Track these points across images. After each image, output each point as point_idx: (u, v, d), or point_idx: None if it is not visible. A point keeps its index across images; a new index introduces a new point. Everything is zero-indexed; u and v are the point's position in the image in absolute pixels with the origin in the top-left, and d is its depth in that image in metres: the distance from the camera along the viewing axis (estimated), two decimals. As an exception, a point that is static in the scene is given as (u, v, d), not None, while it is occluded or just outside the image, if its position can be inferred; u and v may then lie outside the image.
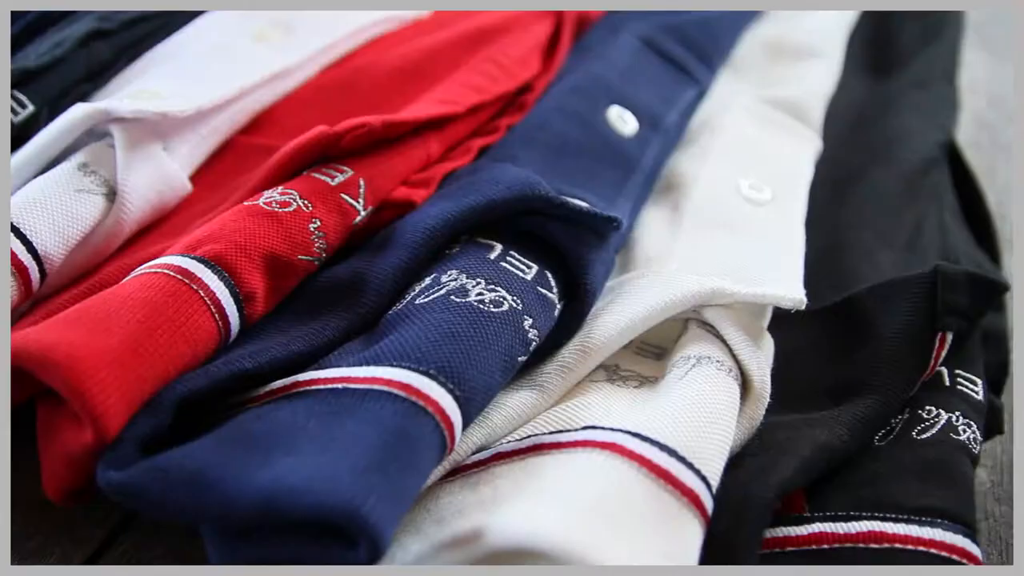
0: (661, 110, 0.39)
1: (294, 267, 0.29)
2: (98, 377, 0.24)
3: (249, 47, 0.38)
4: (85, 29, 0.37)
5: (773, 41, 0.47)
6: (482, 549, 0.23)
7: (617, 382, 0.29)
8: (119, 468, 0.24)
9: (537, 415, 0.28)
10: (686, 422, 0.25)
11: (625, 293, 0.30)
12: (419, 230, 0.29)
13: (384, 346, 0.26)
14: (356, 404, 0.24)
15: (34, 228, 0.30)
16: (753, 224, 0.34)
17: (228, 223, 0.28)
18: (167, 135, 0.34)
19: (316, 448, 0.23)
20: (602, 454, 0.24)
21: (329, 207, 0.30)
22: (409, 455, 0.23)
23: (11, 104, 0.35)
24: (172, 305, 0.26)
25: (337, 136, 0.31)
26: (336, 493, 0.21)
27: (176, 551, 0.29)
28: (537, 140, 0.35)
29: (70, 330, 0.25)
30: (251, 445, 0.24)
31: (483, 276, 0.28)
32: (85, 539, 0.30)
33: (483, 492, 0.25)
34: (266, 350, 0.27)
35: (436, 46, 0.39)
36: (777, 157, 0.38)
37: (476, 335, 0.26)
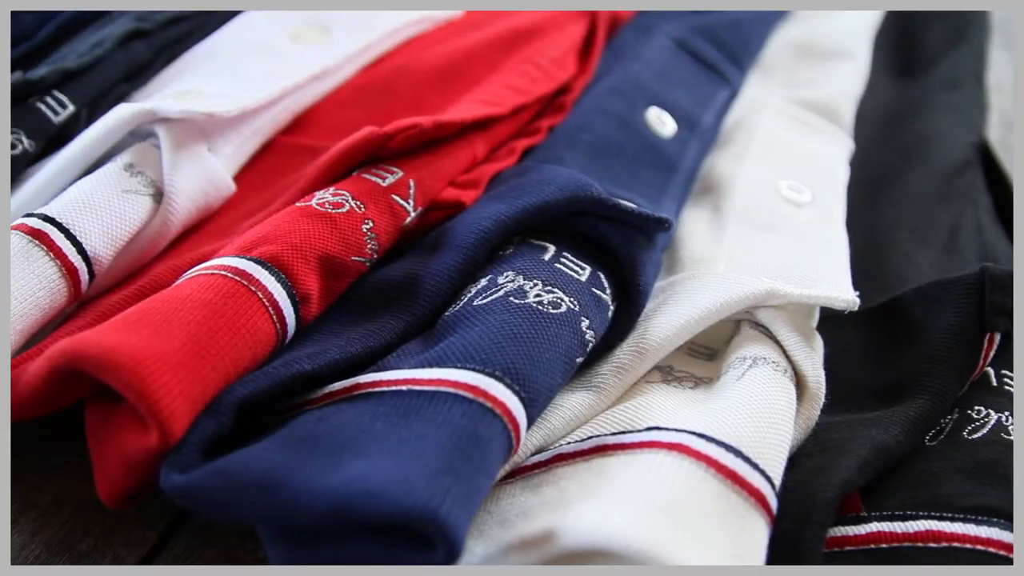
0: (697, 111, 0.40)
1: (347, 268, 0.29)
2: (163, 380, 0.24)
3: (288, 47, 0.37)
4: (124, 29, 0.37)
5: (800, 42, 0.47)
6: (555, 550, 0.23)
7: (673, 383, 0.29)
8: (182, 471, 0.24)
9: (594, 416, 0.28)
10: (748, 423, 0.25)
11: (677, 294, 0.30)
12: (473, 231, 0.29)
13: (446, 348, 0.26)
14: (423, 406, 0.24)
15: (84, 229, 0.30)
16: (795, 226, 0.34)
17: (282, 224, 0.28)
18: (211, 135, 0.33)
19: (385, 450, 0.23)
20: (669, 455, 0.24)
21: (381, 208, 0.30)
22: (479, 457, 0.23)
23: (52, 104, 0.35)
24: (231, 307, 0.26)
25: (387, 137, 0.31)
26: (412, 496, 0.21)
27: (229, 552, 0.29)
28: (581, 141, 0.35)
29: (131, 333, 0.25)
30: (317, 447, 0.24)
31: (540, 277, 0.28)
32: (138, 541, 0.29)
33: (547, 493, 0.25)
34: (324, 352, 0.27)
35: (473, 47, 0.39)
36: (812, 159, 0.39)
37: (537, 336, 0.26)
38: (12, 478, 0.32)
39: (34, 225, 0.29)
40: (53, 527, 0.30)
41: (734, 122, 0.42)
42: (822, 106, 0.42)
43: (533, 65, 0.37)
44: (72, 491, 0.31)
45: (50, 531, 0.30)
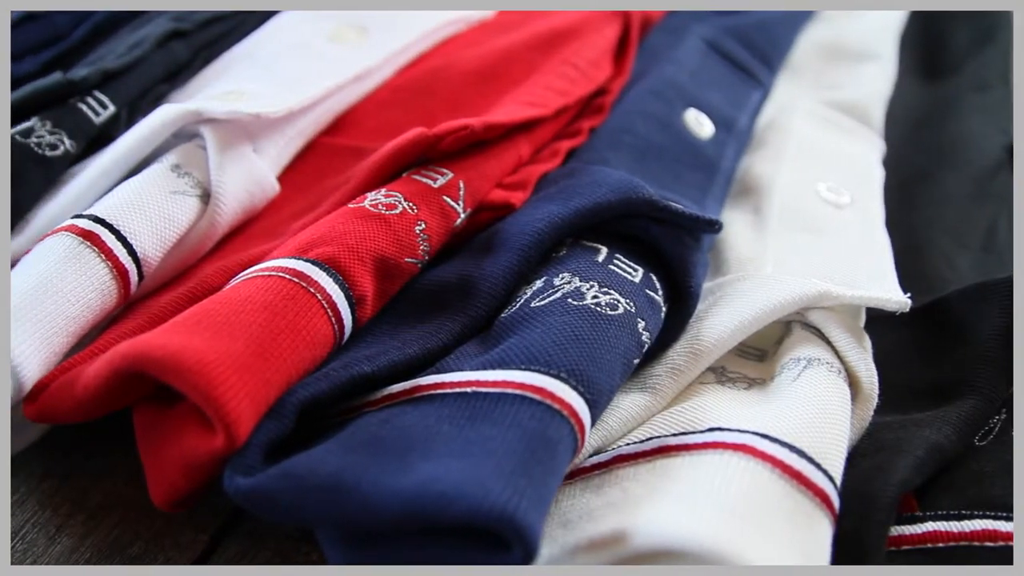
0: (733, 112, 0.40)
1: (401, 270, 0.29)
2: (229, 383, 0.23)
3: (326, 48, 0.37)
4: (163, 30, 0.36)
5: (827, 43, 0.48)
6: (626, 551, 0.23)
7: (727, 384, 0.29)
8: (246, 474, 0.24)
9: (650, 417, 0.28)
10: (808, 424, 0.26)
11: (728, 295, 0.30)
12: (527, 233, 0.29)
13: (508, 349, 0.26)
14: (489, 408, 0.24)
15: (133, 230, 0.29)
16: (837, 227, 0.34)
17: (337, 226, 0.28)
18: (256, 136, 0.33)
19: (455, 452, 0.23)
20: (735, 455, 0.24)
21: (432, 210, 0.30)
22: (549, 459, 0.23)
23: (93, 104, 0.34)
24: (291, 309, 0.26)
25: (437, 138, 0.31)
26: (489, 498, 0.21)
27: (283, 555, 0.29)
28: (623, 143, 0.35)
29: (193, 335, 0.24)
30: (384, 450, 0.24)
31: (596, 279, 0.28)
32: (189, 544, 0.29)
33: (610, 495, 0.25)
34: (382, 353, 0.27)
35: (510, 48, 0.39)
36: (847, 160, 0.39)
37: (597, 338, 0.26)
38: (59, 481, 0.32)
39: (84, 226, 0.29)
40: (103, 530, 0.30)
41: (766, 123, 0.42)
42: (852, 107, 0.42)
43: (572, 66, 0.38)
44: (120, 494, 0.31)
45: (100, 534, 0.30)
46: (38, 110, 0.34)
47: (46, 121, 0.33)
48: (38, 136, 0.33)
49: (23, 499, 0.31)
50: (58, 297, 0.28)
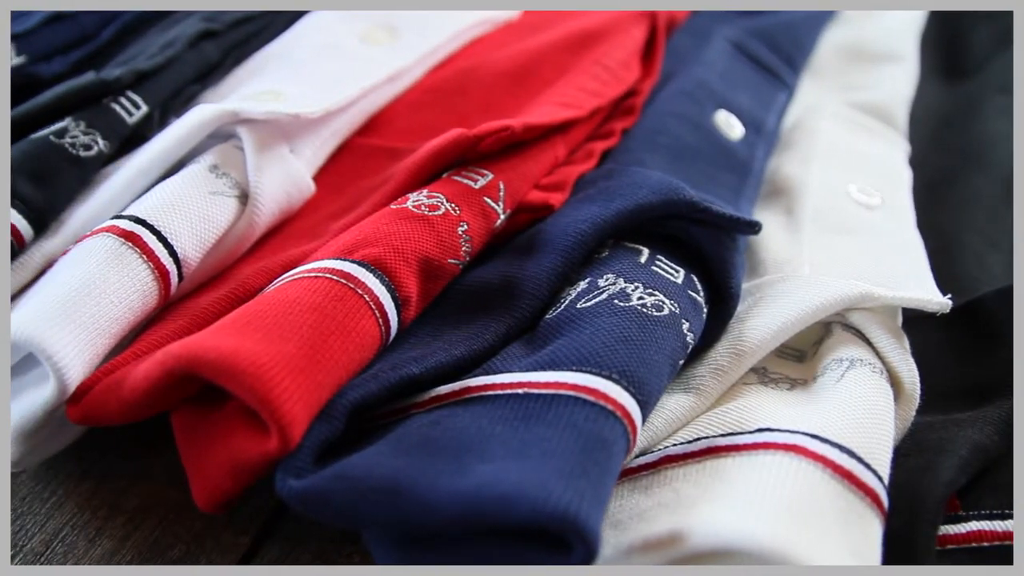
0: (761, 114, 0.40)
1: (444, 270, 0.29)
2: (283, 385, 0.23)
3: (358, 48, 0.37)
4: (194, 30, 0.36)
5: (848, 45, 0.48)
6: (682, 551, 0.23)
7: (770, 385, 0.29)
8: (298, 476, 0.24)
9: (694, 418, 0.28)
10: (856, 423, 0.26)
11: (768, 296, 0.30)
12: (570, 234, 0.29)
13: (558, 350, 0.26)
14: (543, 409, 0.24)
15: (174, 231, 0.29)
16: (870, 228, 0.35)
17: (381, 227, 0.28)
18: (292, 137, 0.33)
19: (512, 453, 0.23)
20: (786, 456, 0.24)
21: (474, 211, 0.30)
22: (606, 459, 0.23)
23: (126, 105, 0.34)
24: (340, 310, 0.26)
25: (477, 139, 0.31)
26: (552, 500, 0.21)
27: (324, 556, 0.29)
28: (658, 144, 0.35)
29: (245, 337, 0.24)
30: (439, 451, 0.24)
31: (640, 280, 0.28)
32: (230, 546, 0.29)
33: (661, 495, 0.25)
34: (430, 355, 0.27)
35: (540, 49, 0.39)
36: (875, 161, 0.39)
37: (645, 339, 0.26)
38: (97, 482, 0.31)
39: (125, 227, 0.29)
40: (142, 532, 0.30)
41: (791, 124, 0.42)
42: (876, 109, 0.43)
43: (602, 67, 0.38)
44: (158, 495, 0.31)
45: (139, 536, 0.29)
46: (71, 110, 0.34)
47: (80, 121, 0.33)
48: (72, 136, 0.33)
49: (61, 501, 0.31)
50: (101, 298, 0.27)
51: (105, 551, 0.29)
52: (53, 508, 0.30)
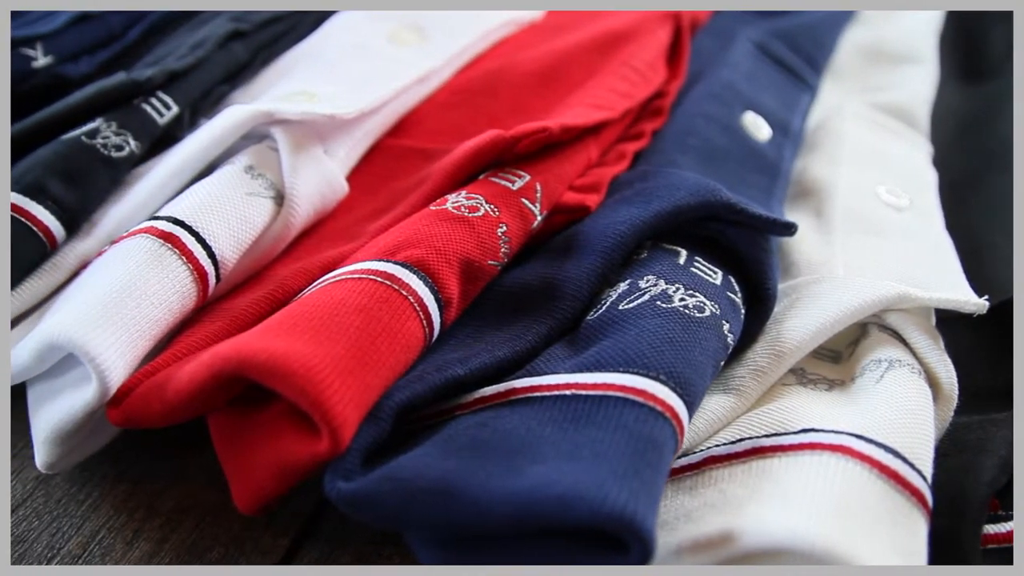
0: (787, 116, 0.40)
1: (484, 272, 0.29)
2: (334, 387, 0.23)
3: (387, 49, 0.37)
4: (223, 30, 0.36)
5: (867, 46, 0.48)
6: (734, 551, 0.23)
7: (809, 385, 0.29)
8: (347, 479, 0.24)
9: (735, 418, 0.28)
10: (899, 424, 0.26)
11: (805, 297, 0.31)
12: (609, 235, 0.29)
13: (603, 352, 0.26)
14: (592, 410, 0.24)
15: (212, 232, 0.29)
16: (900, 230, 0.35)
17: (422, 228, 0.28)
18: (326, 137, 0.33)
19: (564, 455, 0.23)
20: (833, 456, 0.25)
21: (513, 212, 0.30)
22: (657, 460, 0.23)
23: (157, 105, 0.34)
24: (386, 311, 0.26)
25: (514, 140, 0.31)
26: (608, 500, 0.21)
27: (364, 558, 0.29)
28: (689, 146, 0.35)
29: (293, 338, 0.24)
30: (488, 453, 0.24)
31: (680, 282, 0.28)
32: (269, 549, 0.29)
33: (707, 495, 0.25)
34: (473, 356, 0.27)
35: (568, 50, 0.39)
36: (900, 162, 0.39)
37: (689, 340, 0.26)
38: (132, 484, 0.31)
39: (164, 228, 0.29)
40: (180, 535, 0.29)
41: (814, 126, 0.42)
42: (897, 110, 0.43)
43: (631, 69, 0.38)
44: (195, 497, 0.31)
45: (177, 539, 0.29)
46: (102, 111, 0.34)
47: (111, 122, 0.33)
48: (104, 137, 0.33)
49: (97, 503, 0.30)
50: (141, 300, 0.27)
51: (143, 553, 0.29)
52: (89, 510, 0.30)
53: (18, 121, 0.35)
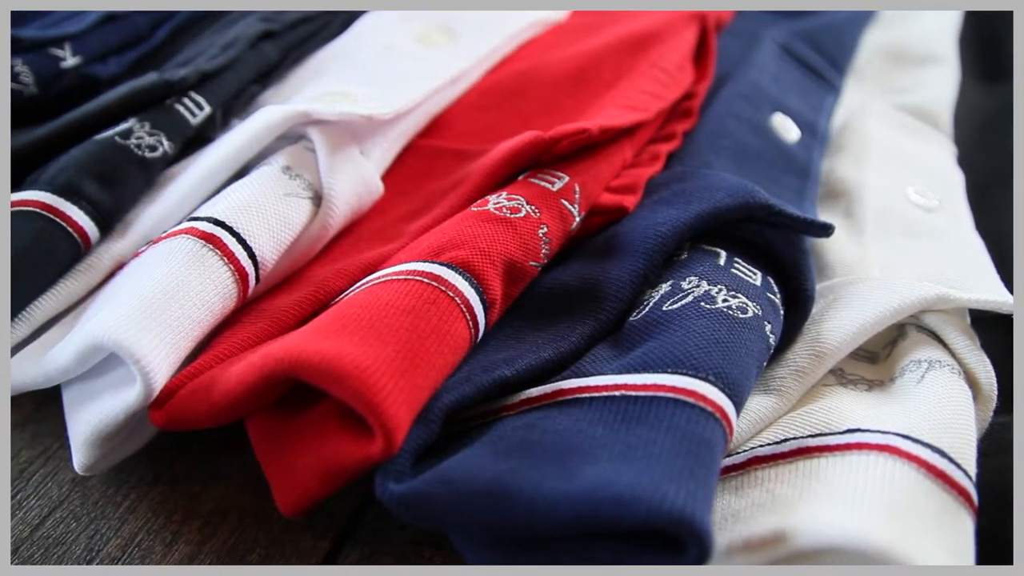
0: (814, 117, 0.40)
1: (526, 273, 0.29)
2: (388, 388, 0.23)
3: (417, 50, 0.37)
4: (254, 30, 0.36)
5: (887, 46, 0.48)
6: (786, 550, 0.23)
7: (848, 386, 0.29)
8: (398, 481, 0.24)
9: (777, 419, 0.28)
10: (943, 424, 0.26)
11: (844, 298, 0.31)
12: (650, 237, 0.29)
13: (649, 353, 0.26)
14: (643, 411, 0.24)
15: (252, 233, 0.29)
16: (931, 231, 0.35)
17: (465, 229, 0.28)
18: (361, 138, 0.33)
19: (616, 456, 0.23)
20: (880, 456, 0.25)
21: (553, 213, 0.30)
22: (710, 461, 0.23)
23: (189, 105, 0.34)
24: (435, 313, 0.26)
25: (553, 141, 0.31)
26: (667, 501, 0.21)
27: (405, 559, 0.29)
28: (722, 147, 0.36)
29: (343, 340, 0.24)
30: (540, 454, 0.24)
31: (723, 283, 0.28)
32: (309, 551, 0.29)
33: (754, 495, 0.25)
34: (519, 357, 0.27)
35: (597, 51, 0.39)
36: (927, 163, 0.40)
37: (734, 341, 0.26)
38: (169, 486, 0.31)
39: (205, 229, 0.29)
40: (220, 537, 0.29)
41: (839, 127, 0.42)
42: (921, 111, 0.43)
43: (660, 70, 0.38)
44: (232, 499, 0.30)
45: (217, 542, 0.29)
46: (135, 111, 0.33)
47: (145, 122, 0.33)
48: (137, 138, 0.33)
49: (134, 505, 0.30)
50: (184, 301, 0.27)
51: (183, 556, 0.29)
52: (127, 512, 0.30)
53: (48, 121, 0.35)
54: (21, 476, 0.31)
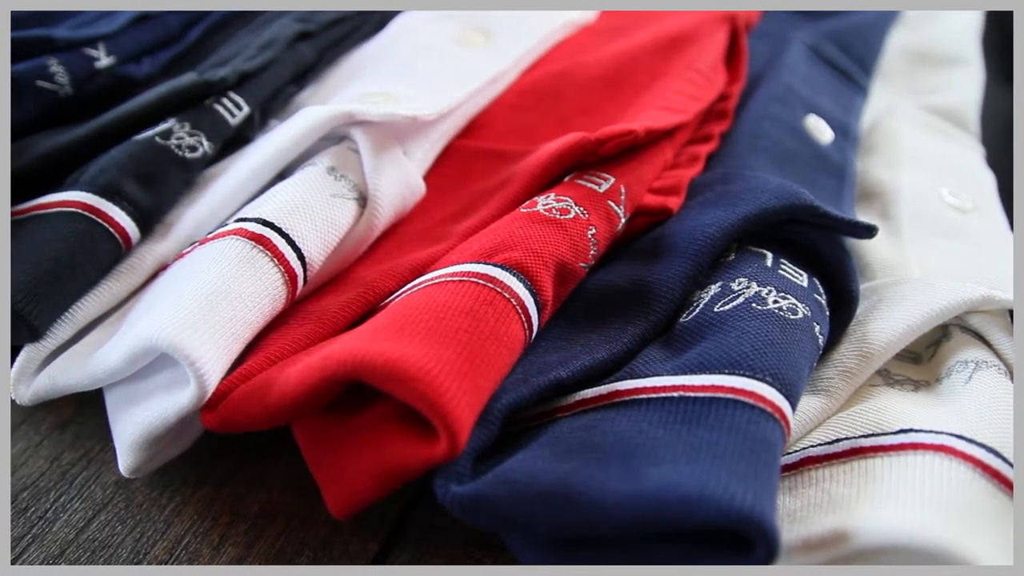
0: (845, 118, 0.40)
1: (575, 274, 0.29)
2: (452, 390, 0.23)
3: (455, 51, 0.37)
4: (291, 31, 0.36)
5: (911, 47, 0.49)
6: (848, 549, 0.23)
7: (895, 386, 0.29)
8: (460, 482, 0.24)
9: (825, 419, 0.28)
10: (995, 423, 0.26)
11: (888, 299, 0.31)
12: (698, 238, 0.29)
13: (705, 354, 0.26)
14: (702, 412, 0.24)
15: (301, 234, 0.29)
16: (967, 232, 0.35)
17: (516, 230, 0.28)
18: (404, 139, 0.33)
19: (679, 457, 0.23)
20: (936, 456, 0.25)
21: (600, 215, 0.30)
22: (772, 461, 0.23)
23: (228, 106, 0.34)
24: (492, 314, 0.26)
25: (599, 142, 0.31)
26: (735, 501, 0.21)
27: (455, 561, 0.29)
28: (760, 148, 0.36)
29: (404, 342, 0.24)
30: (603, 455, 0.24)
31: (772, 284, 0.28)
32: (358, 553, 0.29)
33: (810, 495, 0.26)
34: (573, 358, 0.27)
35: (631, 53, 0.39)
36: (958, 164, 0.40)
37: (788, 342, 0.27)
38: (214, 489, 0.31)
39: (254, 230, 0.28)
40: (267, 540, 0.29)
41: (868, 128, 0.43)
42: (949, 112, 0.43)
43: (696, 72, 0.38)
44: (278, 502, 0.30)
45: (264, 545, 0.29)
46: (174, 111, 0.33)
47: (184, 123, 0.33)
48: (177, 138, 0.32)
49: (179, 508, 0.30)
50: (236, 302, 0.27)
51: (231, 559, 0.29)
52: (172, 515, 0.30)
53: (82, 121, 0.35)
54: (64, 479, 0.31)
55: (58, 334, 0.30)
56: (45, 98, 0.35)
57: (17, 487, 0.31)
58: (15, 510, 0.30)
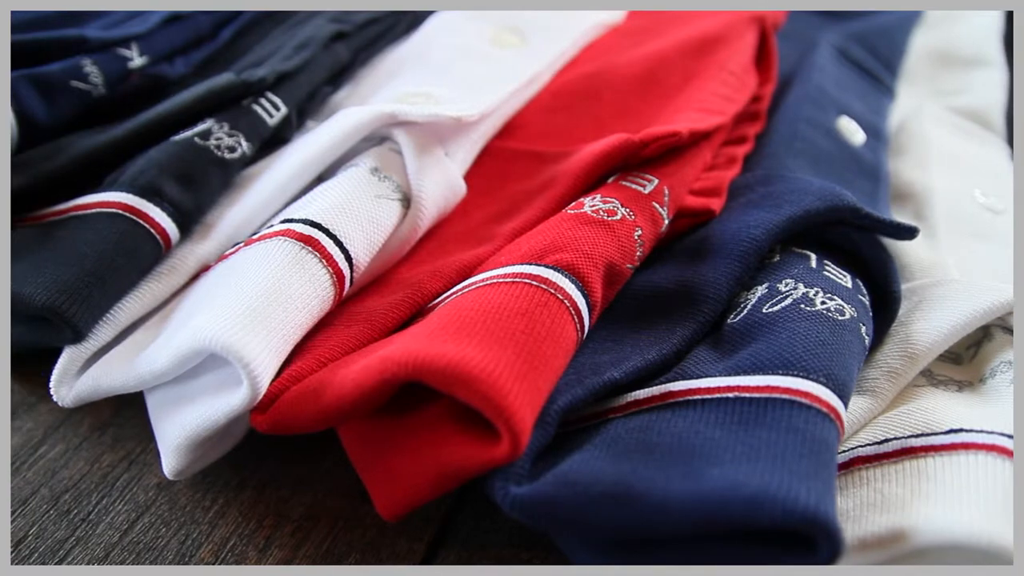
0: (876, 120, 0.41)
1: (622, 276, 0.29)
2: (514, 392, 0.23)
3: (491, 51, 0.37)
4: (327, 31, 0.36)
5: (935, 48, 0.49)
6: (905, 548, 0.23)
7: (940, 387, 0.30)
8: (519, 484, 0.24)
9: (872, 419, 0.28)
10: (1043, 424, 0.27)
11: (930, 299, 0.31)
12: (744, 240, 0.30)
13: (757, 354, 0.26)
14: (759, 413, 0.24)
15: (348, 234, 0.29)
16: (1001, 233, 0.36)
17: (565, 232, 0.28)
18: (445, 139, 0.33)
19: (739, 457, 0.23)
20: (988, 456, 0.25)
21: (646, 216, 0.30)
22: (831, 461, 0.23)
23: (266, 106, 0.34)
24: (547, 315, 0.26)
25: (642, 144, 0.31)
26: (800, 501, 0.21)
27: (502, 562, 0.29)
28: (797, 149, 0.36)
29: (462, 343, 0.24)
30: (663, 456, 0.24)
31: (819, 285, 0.29)
32: (405, 554, 0.29)
33: (862, 495, 0.26)
34: (624, 359, 0.27)
35: (664, 55, 0.40)
36: (987, 165, 0.40)
37: (838, 342, 0.27)
38: (257, 491, 0.31)
39: (302, 231, 0.28)
40: (313, 542, 0.29)
41: (895, 129, 0.43)
42: (974, 113, 0.44)
43: (729, 73, 0.38)
44: (322, 504, 0.30)
45: (311, 546, 0.29)
46: (212, 111, 0.33)
47: (223, 123, 0.33)
48: (217, 138, 0.32)
49: (223, 510, 0.30)
50: (287, 304, 0.27)
51: (278, 561, 0.29)
52: (216, 517, 0.30)
53: (115, 121, 0.35)
54: (105, 480, 0.31)
55: (100, 335, 0.30)
56: (79, 98, 0.34)
57: (59, 489, 0.31)
58: (57, 512, 0.30)
